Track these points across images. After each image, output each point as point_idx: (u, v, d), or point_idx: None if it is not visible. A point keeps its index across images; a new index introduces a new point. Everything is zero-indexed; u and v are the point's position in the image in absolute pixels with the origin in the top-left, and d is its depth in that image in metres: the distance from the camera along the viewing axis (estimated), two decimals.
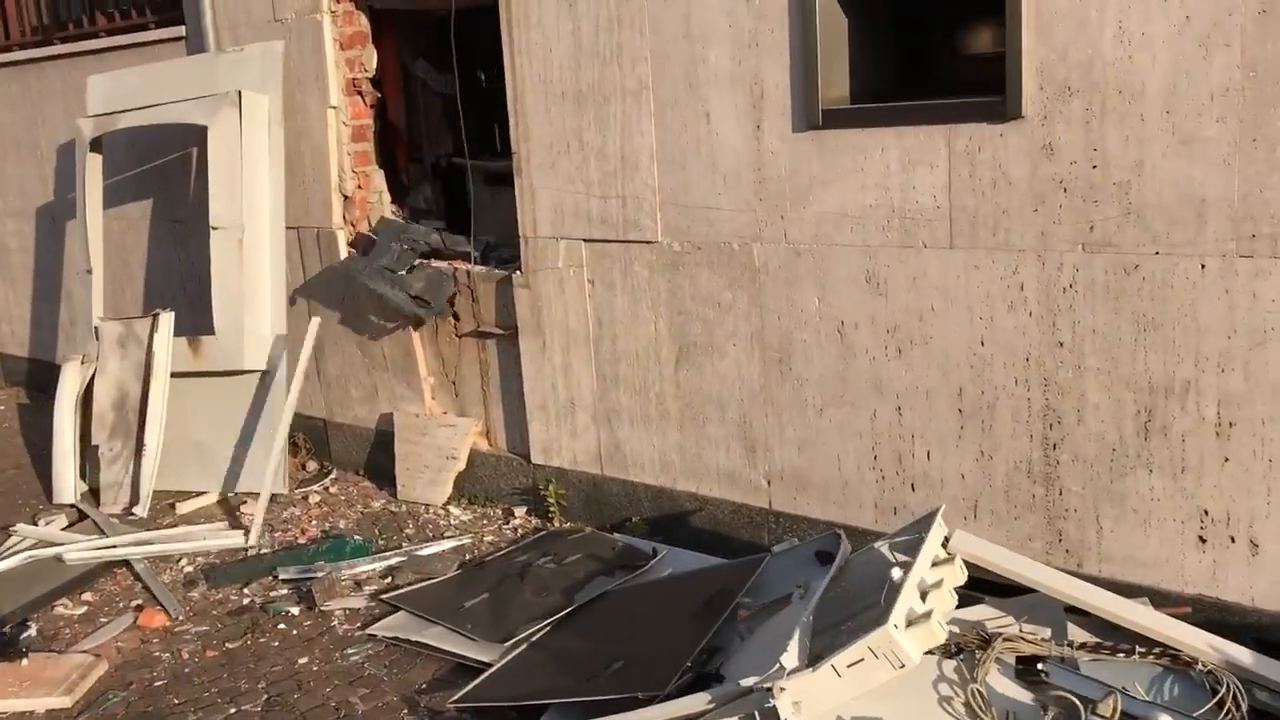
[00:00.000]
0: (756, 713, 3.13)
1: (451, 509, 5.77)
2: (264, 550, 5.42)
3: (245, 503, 6.07)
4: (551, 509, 5.45)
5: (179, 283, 7.15)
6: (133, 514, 5.96)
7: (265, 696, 4.12)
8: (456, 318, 5.76)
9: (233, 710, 4.05)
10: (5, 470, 7.05)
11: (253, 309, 5.99)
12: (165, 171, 7.02)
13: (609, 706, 3.50)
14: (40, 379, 8.67)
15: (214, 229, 6.01)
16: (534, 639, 4.20)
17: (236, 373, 6.10)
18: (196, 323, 6.32)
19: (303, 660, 4.37)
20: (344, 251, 6.13)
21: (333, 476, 6.37)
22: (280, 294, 6.01)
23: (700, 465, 4.91)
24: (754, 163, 4.44)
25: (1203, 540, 3.70)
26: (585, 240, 5.06)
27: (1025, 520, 4.05)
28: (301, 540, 5.55)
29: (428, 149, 6.75)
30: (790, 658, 3.18)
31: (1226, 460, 3.61)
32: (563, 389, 5.31)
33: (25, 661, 4.41)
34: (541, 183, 5.14)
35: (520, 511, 5.60)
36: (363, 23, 6.05)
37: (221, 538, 5.52)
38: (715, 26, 4.44)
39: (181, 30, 6.68)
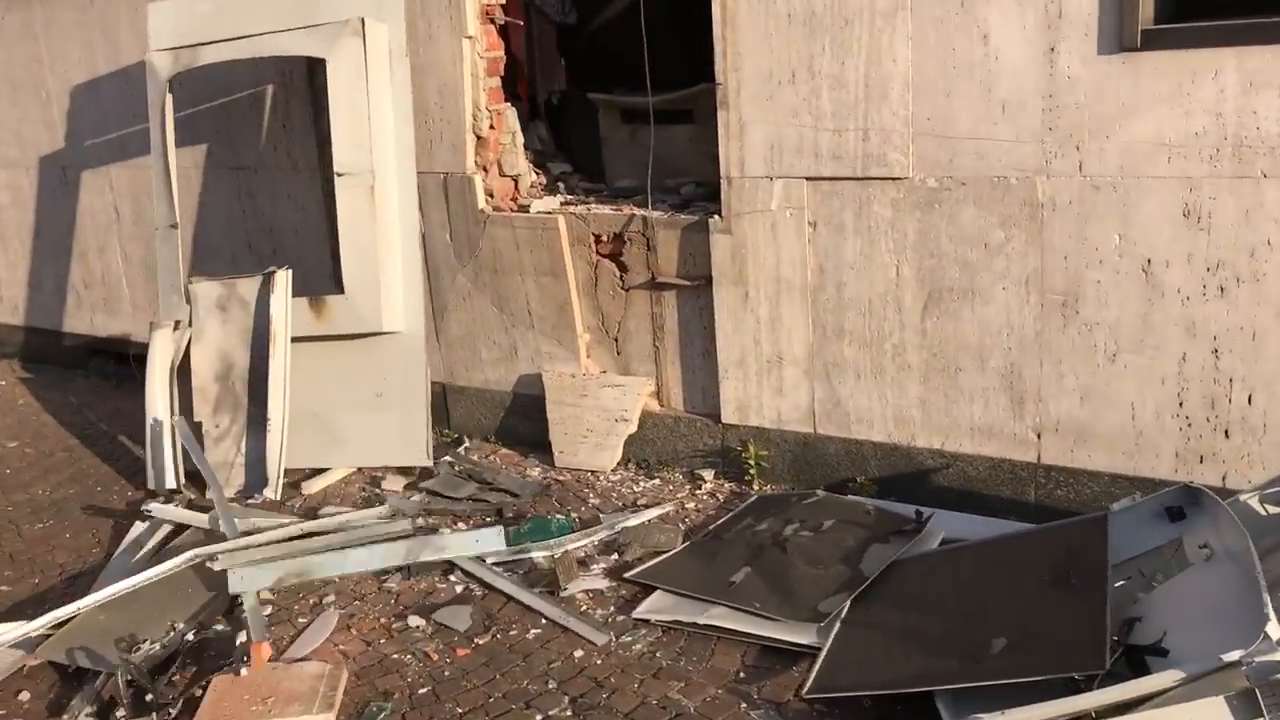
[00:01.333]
0: (1256, 688, 2.84)
1: (623, 474, 5.31)
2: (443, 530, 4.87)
3: (384, 478, 5.47)
4: (749, 471, 5.04)
5: (244, 237, 6.43)
6: (253, 497, 5.31)
7: (567, 698, 3.63)
8: (623, 268, 5.26)
9: (539, 717, 3.56)
10: (54, 454, 6.25)
11: (387, 265, 5.35)
12: (227, 112, 6.27)
13: (1022, 691, 3.15)
14: (38, 349, 7.79)
15: (339, 175, 5.33)
16: (843, 616, 3.82)
17: (359, 335, 5.47)
18: None
19: (578, 653, 3.89)
20: (481, 199, 5.53)
21: (466, 445, 5.81)
22: (414, 247, 5.38)
23: (948, 420, 4.57)
24: (1044, 89, 4.08)
25: None
26: (809, 179, 4.63)
27: None
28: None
29: (540, 83, 6.18)
30: (1276, 625, 2.89)
31: None
32: (768, 343, 4.89)
33: (244, 671, 3.82)
34: (755, 116, 4.67)
35: (708, 475, 5.17)
36: None
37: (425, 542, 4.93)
38: None
39: None
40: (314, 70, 5.85)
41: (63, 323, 7.66)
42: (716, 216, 4.90)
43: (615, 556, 4.52)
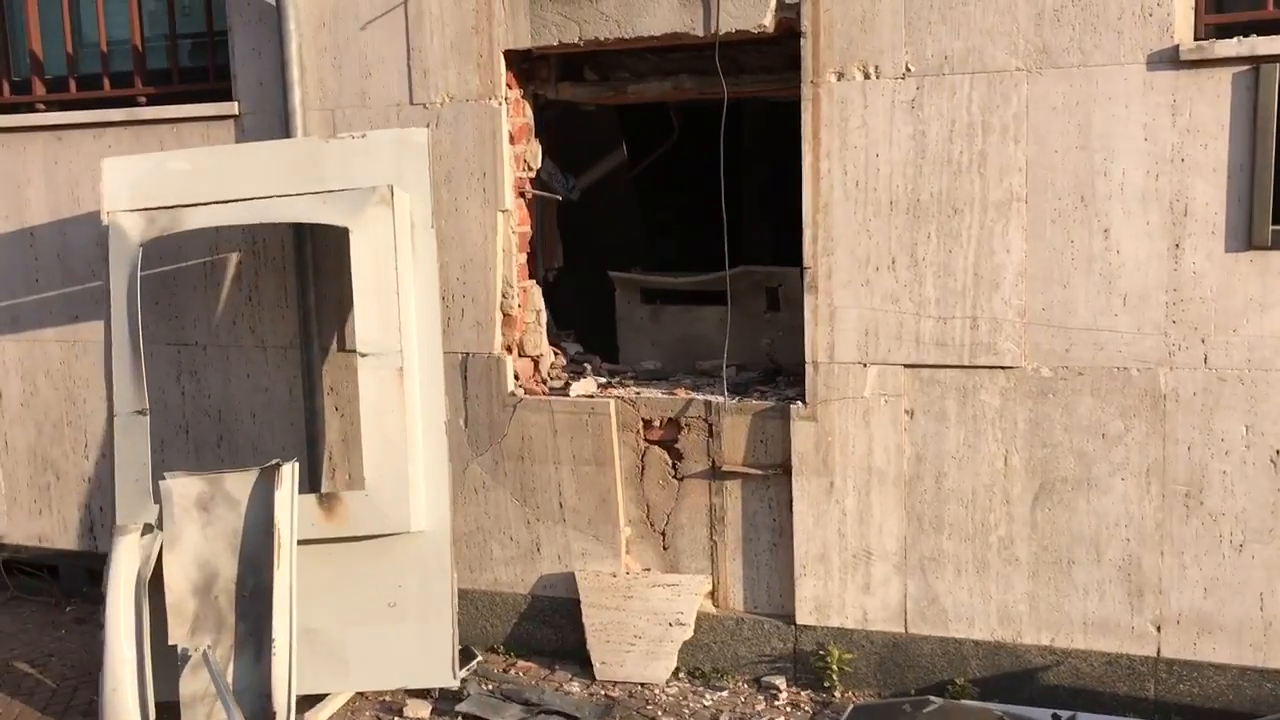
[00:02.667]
0: None
1: (682, 686, 4.82)
2: None
3: (405, 704, 4.73)
4: (830, 677, 4.69)
5: (178, 422, 5.61)
6: None
7: None
8: (677, 456, 4.90)
9: None
10: None
11: (414, 456, 4.75)
12: (171, 282, 5.53)
13: None
14: None
15: (363, 356, 4.73)
16: None
17: (368, 537, 4.79)
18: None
19: None
20: (510, 381, 5.05)
21: (479, 659, 5.14)
22: (440, 435, 4.80)
23: (1059, 615, 4.43)
24: (1168, 283, 4.15)
25: None
26: (907, 365, 4.49)
27: None
28: None
29: (540, 260, 5.81)
30: None
31: None
32: (854, 537, 4.63)
33: None
34: (848, 301, 4.52)
35: (780, 683, 4.78)
36: (528, 113, 5.12)
37: None
38: (1125, 140, 4.14)
39: (233, 108, 5.32)
40: (303, 239, 5.25)
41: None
42: (800, 403, 4.66)
43: None
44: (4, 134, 5.81)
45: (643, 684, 4.87)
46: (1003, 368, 4.38)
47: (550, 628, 5.14)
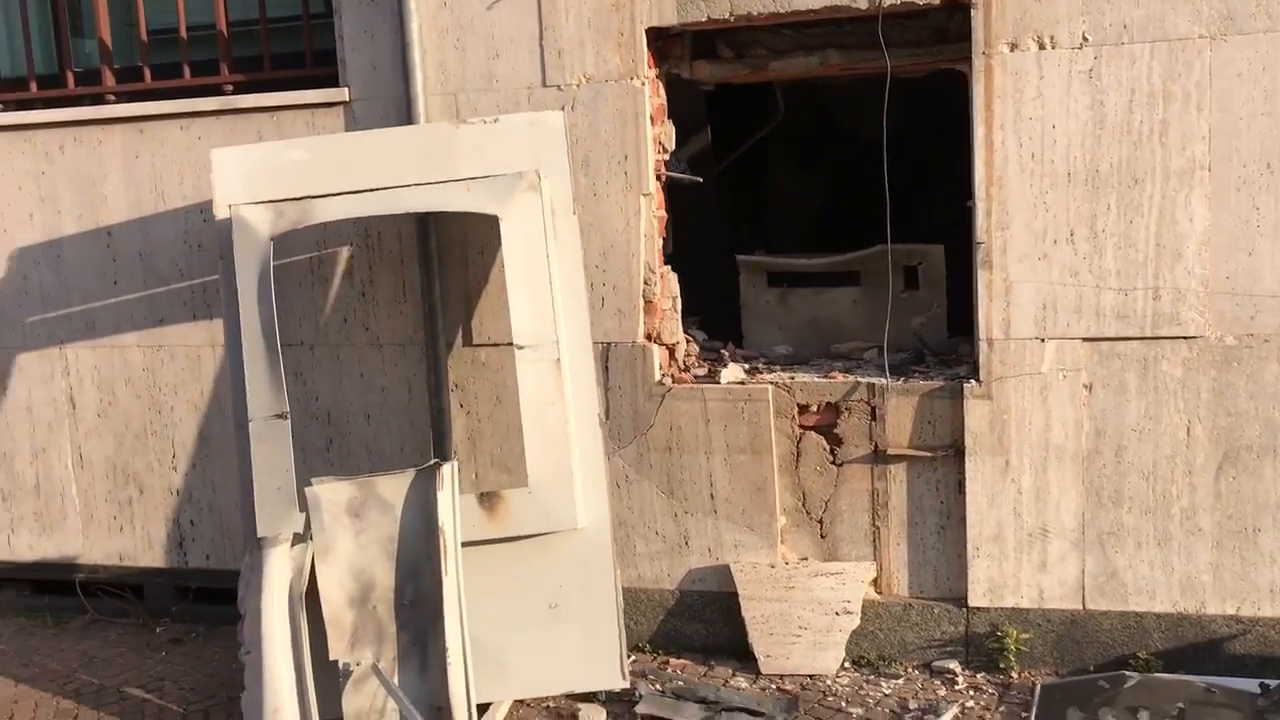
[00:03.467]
0: None
1: (854, 676, 4.72)
2: None
3: (579, 710, 4.54)
4: (1006, 658, 4.63)
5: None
6: None
7: None
8: (835, 441, 4.78)
9: None
10: None
11: (574, 450, 4.55)
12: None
13: None
14: None
15: (520, 348, 4.52)
16: None
17: (525, 537, 4.59)
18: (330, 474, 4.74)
19: None
20: (657, 370, 4.88)
21: (631, 659, 4.96)
22: (595, 428, 4.60)
23: (1245, 583, 4.43)
24: None
25: None
26: (1086, 339, 4.44)
27: None
28: None
29: None
30: None
31: None
32: (1030, 515, 4.57)
33: None
34: (1024, 276, 4.45)
35: (954, 667, 4.70)
36: (663, 94, 4.96)
37: None
38: None
39: (342, 94, 5.06)
40: (427, 230, 5.01)
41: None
42: (973, 381, 4.57)
43: None
44: (75, 128, 5.44)
45: (811, 675, 4.74)
46: (1185, 338, 4.36)
47: (700, 623, 4.99)
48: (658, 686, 4.68)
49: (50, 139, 5.47)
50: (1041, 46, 4.35)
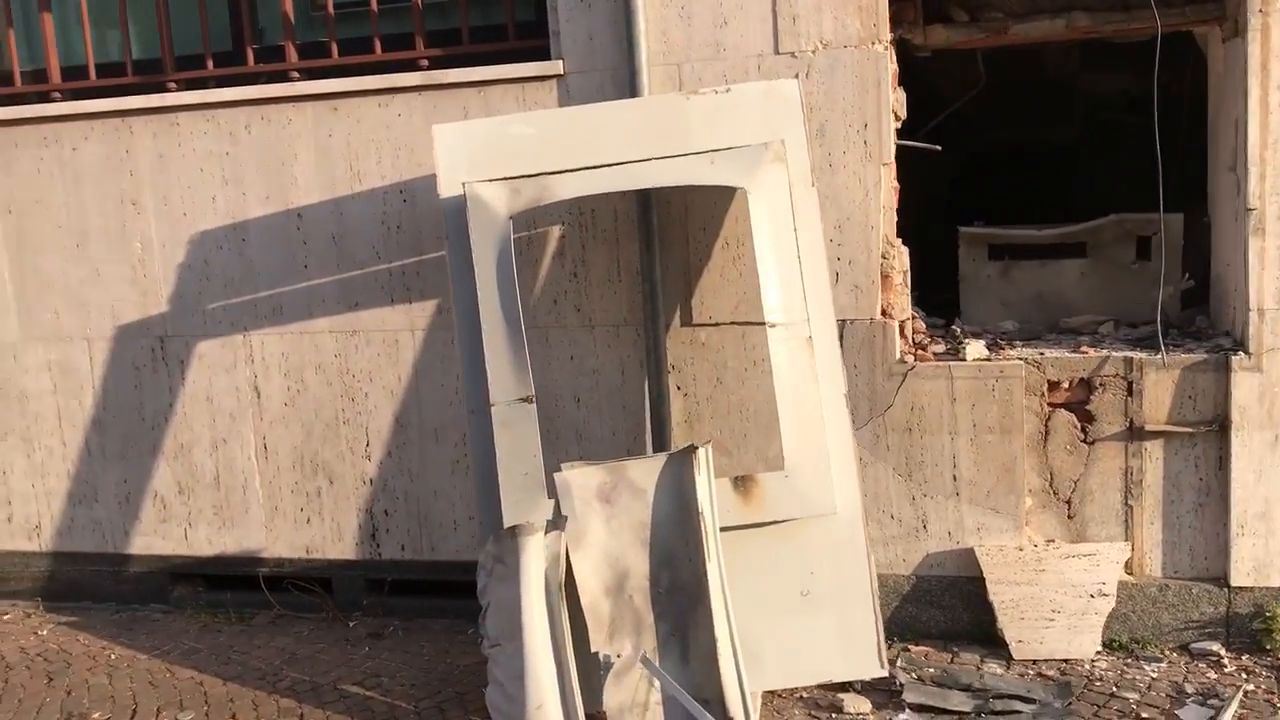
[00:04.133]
0: None
1: (1112, 660, 4.56)
2: None
3: (843, 700, 4.38)
4: (1273, 638, 4.48)
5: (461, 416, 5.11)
6: None
7: None
8: (1087, 418, 4.61)
9: None
10: None
11: (828, 432, 4.39)
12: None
13: None
14: (74, 581, 5.91)
15: (772, 326, 4.35)
16: None
17: (775, 523, 4.42)
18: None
19: None
20: (898, 349, 4.71)
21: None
22: (842, 408, 4.43)
23: None
24: None
25: None
26: None
27: None
28: None
29: None
30: None
31: None
32: None
33: None
34: None
35: (1216, 648, 4.55)
36: (895, 60, 4.77)
37: None
38: None
39: (556, 67, 4.87)
40: (648, 207, 4.82)
41: (129, 542, 5.77)
42: (1241, 353, 4.41)
43: None
44: (262, 106, 5.24)
45: (1066, 660, 4.59)
46: None
47: (938, 609, 4.83)
48: (914, 674, 4.52)
49: (235, 118, 5.28)
50: None
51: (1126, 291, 5.05)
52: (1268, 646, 4.50)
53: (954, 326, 5.02)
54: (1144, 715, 4.14)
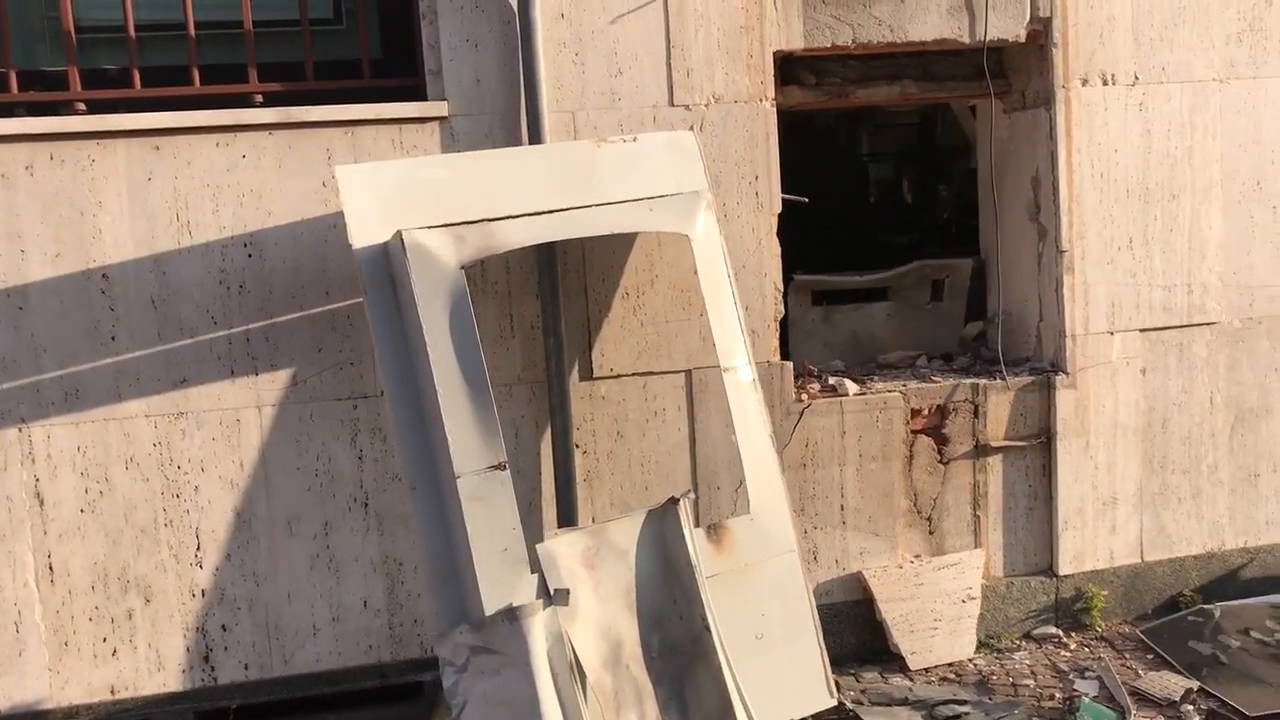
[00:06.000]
0: None
1: (988, 657, 5.10)
2: None
3: None
4: (1091, 615, 5.29)
5: (354, 495, 4.60)
6: None
7: None
8: (943, 440, 5.16)
9: None
10: None
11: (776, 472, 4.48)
12: (333, 322, 4.54)
13: None
14: None
15: (726, 370, 4.36)
16: None
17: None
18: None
19: None
20: (793, 389, 4.92)
21: None
22: (771, 446, 4.54)
23: (1250, 520, 5.48)
24: None
25: None
26: (1141, 330, 5.26)
27: None
28: None
29: None
30: None
31: None
32: (1104, 486, 5.28)
33: None
34: (1098, 279, 5.17)
35: (1054, 630, 5.26)
36: None
37: None
38: None
39: (440, 108, 4.52)
40: (553, 257, 4.60)
41: None
42: (1061, 373, 5.19)
43: None
44: (49, 142, 4.24)
45: (951, 663, 5.04)
46: (1208, 324, 5.33)
47: (830, 635, 5.03)
48: (849, 698, 4.71)
49: (10, 156, 4.21)
50: (1105, 83, 5.11)
51: (924, 329, 5.70)
52: (1085, 622, 5.30)
53: (810, 367, 5.33)
54: (1055, 694, 4.70)
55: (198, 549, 4.48)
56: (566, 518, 4.68)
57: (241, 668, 4.56)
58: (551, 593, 3.91)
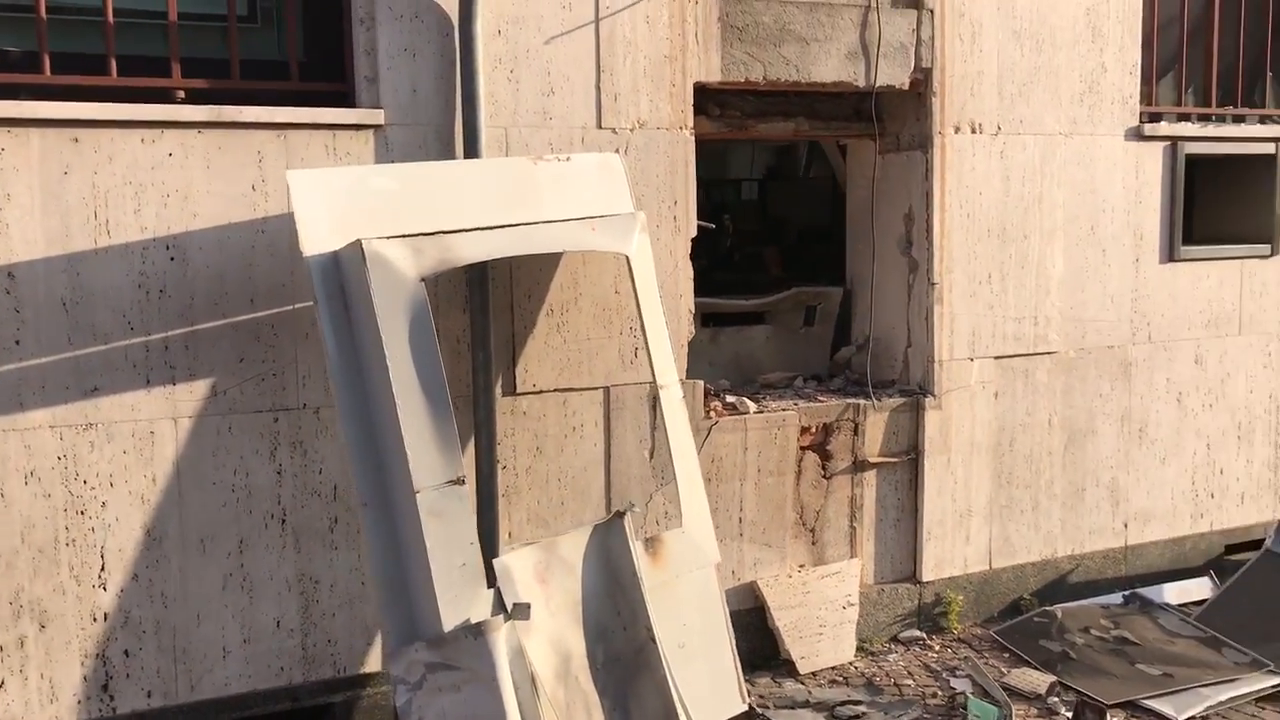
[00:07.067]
0: None
1: (866, 660, 5.46)
2: None
3: None
4: (948, 618, 5.76)
5: (270, 510, 4.47)
6: None
7: None
8: (827, 456, 5.50)
9: None
10: None
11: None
12: (256, 332, 4.42)
13: None
14: None
15: (663, 388, 4.50)
16: None
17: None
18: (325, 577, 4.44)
19: None
20: (703, 407, 5.11)
21: None
22: (696, 461, 4.74)
23: (1077, 530, 6.12)
24: (1132, 286, 6.11)
25: None
26: (995, 358, 5.78)
27: (1262, 498, 6.67)
28: None
29: None
30: None
31: None
32: (961, 499, 5.77)
33: None
34: (962, 310, 5.66)
35: (918, 633, 5.69)
36: None
37: None
38: (1112, 186, 5.99)
39: (377, 116, 4.45)
40: (484, 274, 4.60)
41: None
42: (930, 395, 5.63)
43: None
44: None
45: (834, 666, 5.36)
46: (1049, 353, 5.92)
47: None
48: (754, 702, 4.93)
49: None
50: (974, 131, 5.61)
51: (798, 351, 6.03)
52: (943, 625, 5.76)
53: (708, 386, 5.53)
54: (936, 692, 5.10)
55: (102, 569, 4.19)
56: (488, 535, 4.66)
57: (144, 695, 4.29)
58: (509, 607, 3.93)
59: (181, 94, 4.29)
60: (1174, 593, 6.09)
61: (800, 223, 8.07)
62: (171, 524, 4.28)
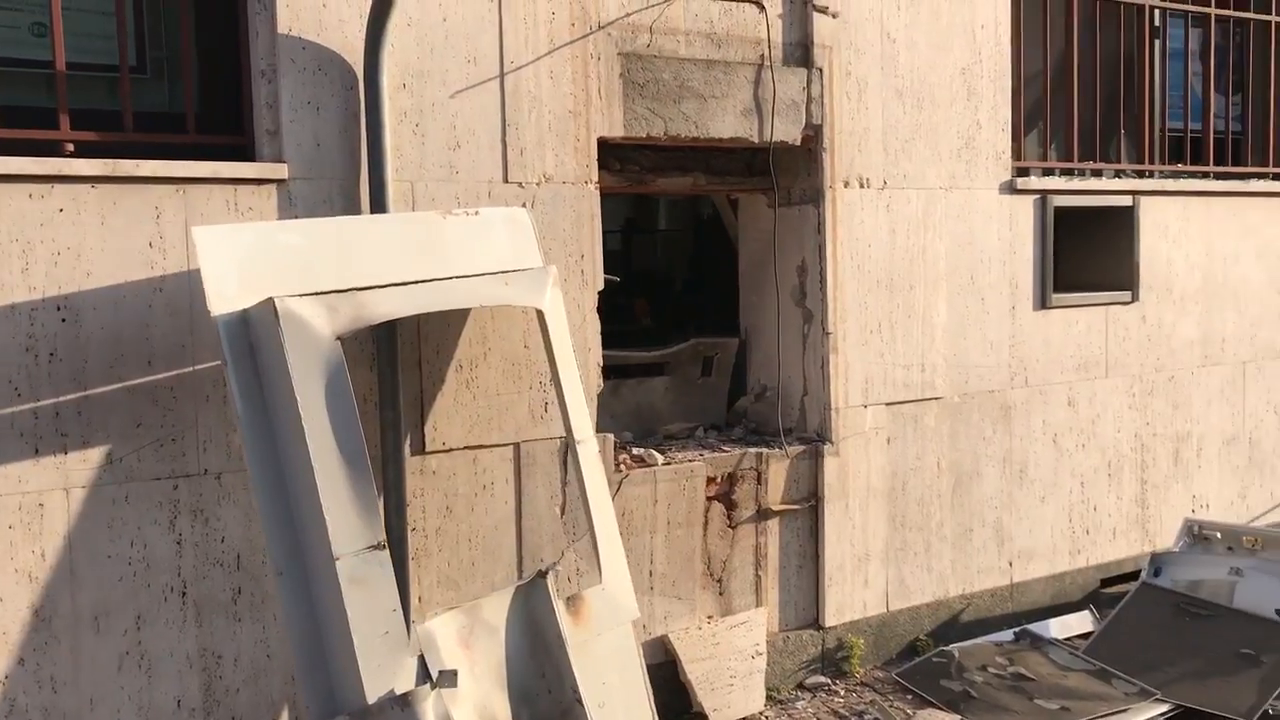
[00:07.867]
0: None
1: (774, 709, 5.48)
2: None
3: None
4: (850, 662, 5.84)
5: (170, 583, 4.26)
6: None
7: None
8: (731, 505, 5.53)
9: None
10: None
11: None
12: (154, 396, 4.23)
13: None
14: None
15: (580, 443, 4.46)
16: None
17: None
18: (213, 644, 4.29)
19: None
20: (611, 460, 5.07)
21: None
22: (614, 519, 4.70)
23: (967, 570, 6.29)
24: (1010, 332, 6.37)
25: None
26: (888, 404, 5.93)
27: (1131, 533, 7.00)
28: None
29: None
30: None
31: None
32: (859, 544, 5.88)
33: None
34: (856, 359, 5.79)
35: (823, 679, 5.74)
36: None
37: None
38: (988, 238, 6.25)
39: (280, 170, 4.33)
40: (394, 330, 4.49)
41: None
42: (828, 443, 5.73)
43: None
44: None
45: (745, 717, 5.36)
46: (936, 398, 6.11)
47: None
48: None
49: None
50: (862, 185, 5.78)
51: (695, 401, 6.06)
52: (845, 670, 5.83)
53: (610, 438, 5.50)
54: None
55: None
56: (403, 598, 4.52)
57: None
58: (434, 675, 3.81)
59: (70, 147, 4.09)
60: (1057, 627, 6.32)
61: (663, 274, 8.14)
62: (63, 602, 4.01)
